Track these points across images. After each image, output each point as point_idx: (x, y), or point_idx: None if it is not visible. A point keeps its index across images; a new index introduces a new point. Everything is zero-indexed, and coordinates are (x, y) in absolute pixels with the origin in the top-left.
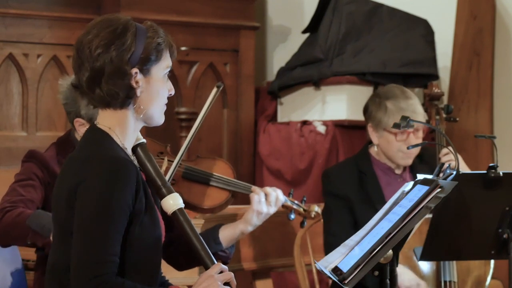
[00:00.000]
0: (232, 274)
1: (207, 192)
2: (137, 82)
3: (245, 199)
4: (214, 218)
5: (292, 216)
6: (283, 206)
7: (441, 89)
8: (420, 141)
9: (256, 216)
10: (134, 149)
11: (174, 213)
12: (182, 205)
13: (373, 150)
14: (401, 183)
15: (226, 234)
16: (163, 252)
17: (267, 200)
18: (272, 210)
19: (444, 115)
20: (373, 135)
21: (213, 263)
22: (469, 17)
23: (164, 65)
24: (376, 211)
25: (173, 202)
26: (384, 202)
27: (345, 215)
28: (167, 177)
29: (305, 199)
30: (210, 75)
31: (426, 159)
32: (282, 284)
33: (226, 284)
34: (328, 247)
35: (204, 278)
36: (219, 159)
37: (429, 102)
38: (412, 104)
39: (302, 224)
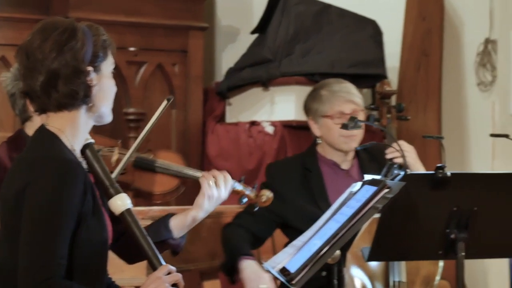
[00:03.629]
0: (180, 275)
1: (158, 179)
2: (91, 80)
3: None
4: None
5: (244, 200)
6: (233, 191)
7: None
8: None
9: (207, 201)
10: (82, 150)
11: (121, 213)
12: (130, 206)
13: (319, 147)
14: (347, 179)
15: (177, 222)
16: (113, 246)
17: (216, 183)
18: (223, 193)
19: (395, 114)
20: (314, 128)
21: (161, 264)
22: (417, 18)
23: (110, 61)
24: (318, 207)
25: (121, 202)
26: (327, 199)
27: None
28: (119, 167)
29: (256, 185)
30: (159, 76)
31: (376, 156)
32: (230, 284)
33: (174, 285)
34: (228, 234)
35: (152, 279)
36: (168, 151)
37: (380, 101)
38: (346, 86)
39: (253, 209)
